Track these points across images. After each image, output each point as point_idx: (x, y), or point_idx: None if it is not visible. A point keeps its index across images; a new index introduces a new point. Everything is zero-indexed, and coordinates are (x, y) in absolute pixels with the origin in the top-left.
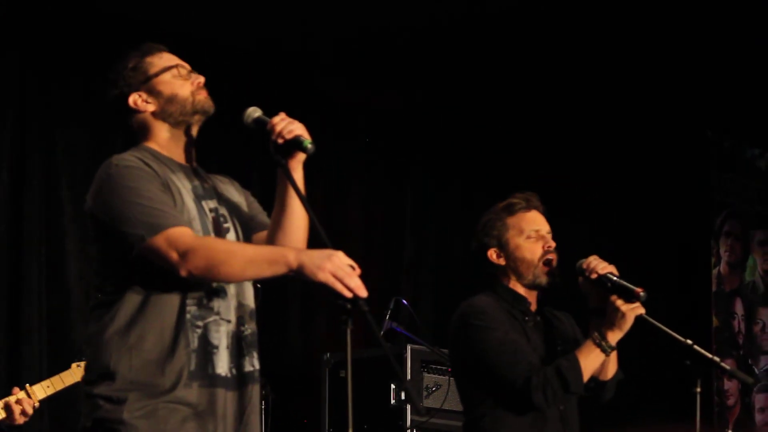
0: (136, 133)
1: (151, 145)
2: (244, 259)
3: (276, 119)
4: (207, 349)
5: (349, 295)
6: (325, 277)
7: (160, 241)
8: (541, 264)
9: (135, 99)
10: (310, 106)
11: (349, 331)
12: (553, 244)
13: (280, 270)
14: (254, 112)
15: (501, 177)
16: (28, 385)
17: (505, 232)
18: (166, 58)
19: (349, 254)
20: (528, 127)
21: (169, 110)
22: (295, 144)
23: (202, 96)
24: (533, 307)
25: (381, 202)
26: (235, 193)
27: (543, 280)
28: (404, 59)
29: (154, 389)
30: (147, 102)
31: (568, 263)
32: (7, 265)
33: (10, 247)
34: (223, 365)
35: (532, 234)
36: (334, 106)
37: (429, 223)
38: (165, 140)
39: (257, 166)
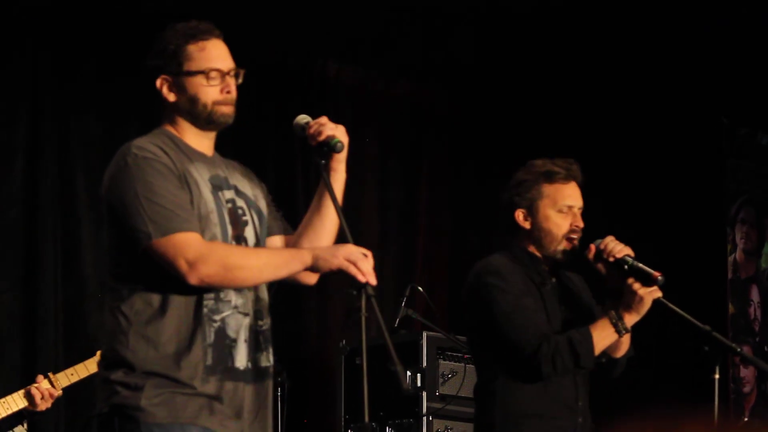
0: (161, 108)
1: (172, 130)
2: (259, 264)
3: (312, 122)
4: (225, 343)
5: (363, 279)
6: (339, 262)
7: (167, 244)
8: (564, 241)
9: (161, 83)
10: (324, 93)
11: (363, 319)
12: (581, 224)
13: (295, 268)
14: (302, 119)
15: (516, 163)
16: (51, 373)
17: (538, 199)
18: (206, 55)
19: (364, 240)
20: (542, 115)
21: (187, 108)
22: (326, 144)
23: (221, 109)
24: (547, 269)
25: (396, 189)
26: (249, 184)
27: (559, 256)
28: (421, 47)
29: (170, 381)
30: (170, 91)
31: (583, 244)
32: (22, 253)
33: (26, 236)
34: (241, 359)
35: (564, 208)
36: (348, 93)
37: (444, 209)
38: (184, 129)
39: (272, 153)
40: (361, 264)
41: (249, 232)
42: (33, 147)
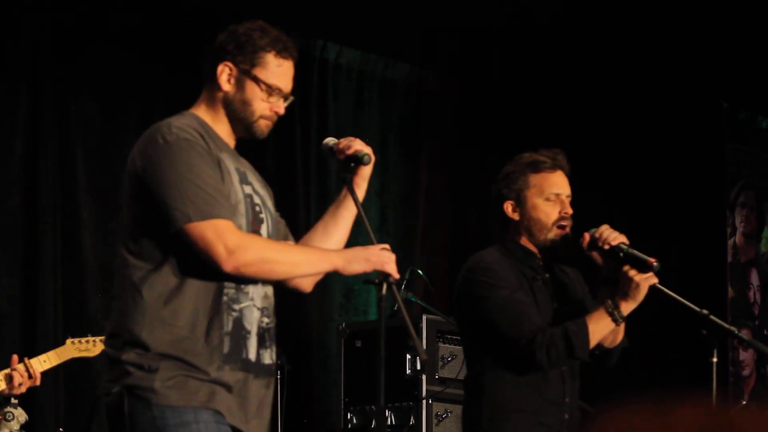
0: (203, 87)
1: (205, 116)
2: (295, 260)
3: (343, 139)
4: (241, 333)
5: (396, 276)
6: (372, 267)
7: (206, 228)
8: (554, 228)
9: (223, 69)
10: (324, 75)
11: (382, 307)
12: (570, 211)
13: (324, 269)
14: (331, 140)
15: (516, 145)
16: (26, 358)
17: (525, 189)
18: (281, 72)
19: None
20: (543, 96)
21: (234, 106)
22: (354, 158)
23: (263, 124)
24: (541, 263)
25: (394, 172)
26: (261, 184)
27: (551, 244)
28: (421, 30)
29: (185, 365)
30: (228, 82)
31: (579, 232)
32: (22, 236)
33: (25, 219)
34: (253, 351)
35: (551, 196)
36: (348, 75)
37: (444, 192)
38: (219, 120)
39: (271, 134)
40: (390, 265)
41: (263, 230)
42: (33, 130)
